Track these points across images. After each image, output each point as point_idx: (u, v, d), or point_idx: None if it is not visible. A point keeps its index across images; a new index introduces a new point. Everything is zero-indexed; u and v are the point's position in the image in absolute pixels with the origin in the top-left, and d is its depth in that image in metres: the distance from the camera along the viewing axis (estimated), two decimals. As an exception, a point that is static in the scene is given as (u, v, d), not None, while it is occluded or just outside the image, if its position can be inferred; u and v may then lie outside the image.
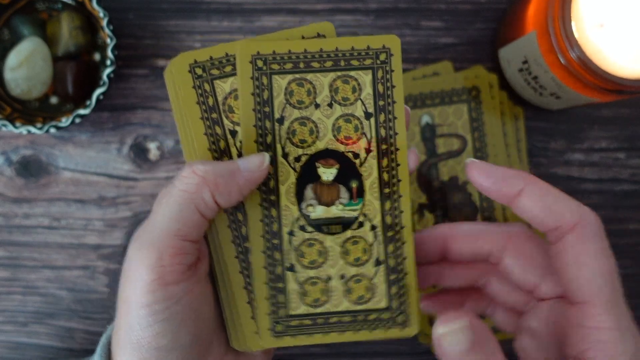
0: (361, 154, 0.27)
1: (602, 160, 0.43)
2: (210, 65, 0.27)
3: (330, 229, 0.27)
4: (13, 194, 0.42)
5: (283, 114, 0.27)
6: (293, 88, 0.27)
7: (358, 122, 0.27)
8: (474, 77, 0.40)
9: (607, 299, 0.23)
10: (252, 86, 0.27)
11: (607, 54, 0.32)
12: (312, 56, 0.27)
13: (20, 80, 0.39)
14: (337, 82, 0.27)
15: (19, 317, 0.42)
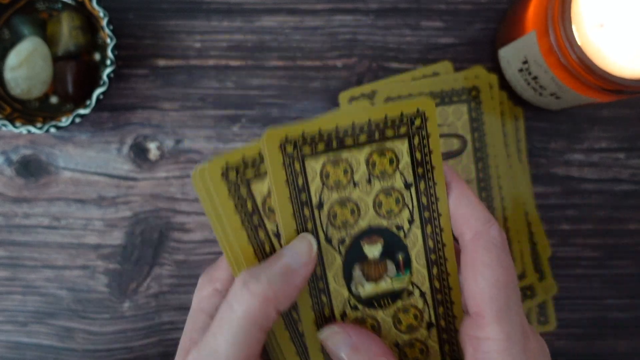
0: (405, 225, 0.27)
1: (602, 161, 0.43)
2: (243, 166, 0.25)
3: (381, 303, 0.27)
4: (13, 194, 0.42)
5: (321, 199, 0.26)
6: (328, 170, 0.26)
7: (398, 194, 0.27)
8: (473, 77, 0.40)
9: (499, 309, 0.23)
10: (285, 174, 0.25)
11: (607, 54, 0.32)
12: (344, 132, 0.26)
13: (20, 80, 0.39)
14: (374, 156, 0.26)
15: (19, 316, 0.42)
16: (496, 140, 0.40)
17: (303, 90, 0.42)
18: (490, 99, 0.40)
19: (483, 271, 0.24)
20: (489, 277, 0.24)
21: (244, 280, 0.24)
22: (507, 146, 0.41)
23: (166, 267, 0.42)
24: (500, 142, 0.40)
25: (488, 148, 0.40)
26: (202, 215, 0.42)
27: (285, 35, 0.42)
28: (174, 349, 0.42)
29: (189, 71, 0.42)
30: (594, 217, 0.43)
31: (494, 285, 0.24)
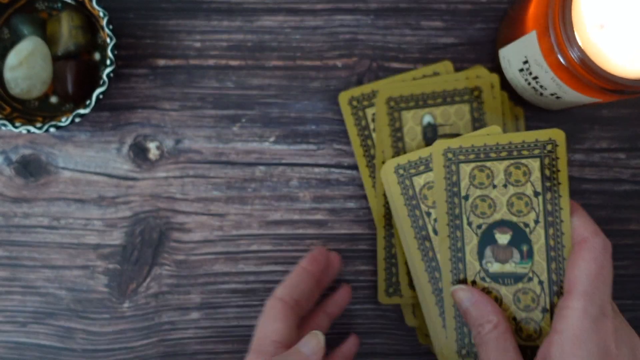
0: (530, 224, 0.34)
1: (602, 161, 0.43)
2: (408, 166, 0.37)
3: (505, 281, 0.34)
4: (12, 194, 0.42)
5: (468, 193, 0.35)
6: (475, 173, 0.35)
7: (528, 199, 0.34)
8: (475, 77, 0.40)
9: (584, 291, 0.30)
10: (444, 172, 0.35)
11: (607, 54, 0.32)
12: (490, 148, 0.35)
13: (20, 80, 0.39)
14: (511, 168, 0.34)
15: (18, 317, 0.42)
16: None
17: (303, 90, 0.42)
18: (492, 98, 0.39)
19: (580, 264, 0.31)
20: (583, 269, 0.31)
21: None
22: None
23: (166, 267, 0.42)
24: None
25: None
26: (202, 215, 0.42)
27: (285, 35, 0.42)
28: (173, 349, 0.42)
29: (188, 71, 0.42)
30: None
31: (585, 275, 0.30)
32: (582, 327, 0.29)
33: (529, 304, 0.34)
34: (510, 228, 0.34)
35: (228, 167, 0.42)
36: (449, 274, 0.35)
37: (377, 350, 0.43)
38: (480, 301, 0.33)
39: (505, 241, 0.34)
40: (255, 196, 0.42)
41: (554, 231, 0.34)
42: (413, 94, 0.40)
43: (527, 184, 0.34)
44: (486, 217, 0.35)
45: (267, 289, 0.42)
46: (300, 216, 0.42)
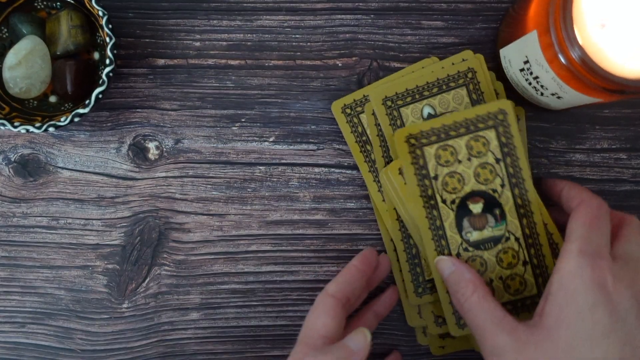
0: (498, 189, 0.37)
1: (603, 161, 0.43)
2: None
3: (486, 246, 0.37)
4: (11, 194, 0.42)
5: (437, 172, 0.37)
6: (440, 153, 0.37)
7: (491, 167, 0.37)
8: (461, 60, 0.40)
9: (581, 235, 0.32)
10: (411, 158, 0.37)
11: (608, 54, 0.32)
12: (448, 127, 0.37)
13: (19, 79, 0.39)
14: (471, 142, 0.37)
15: (17, 317, 0.42)
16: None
17: (303, 90, 0.42)
18: (485, 79, 0.40)
19: (577, 217, 0.33)
20: (579, 220, 0.33)
21: (314, 353, 0.32)
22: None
23: (165, 268, 0.42)
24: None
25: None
26: (201, 215, 0.42)
27: (285, 34, 0.42)
28: (172, 350, 0.42)
29: (188, 70, 0.42)
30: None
31: (581, 223, 0.33)
32: (578, 263, 0.31)
33: (511, 261, 0.37)
34: (481, 196, 0.37)
35: (228, 167, 0.42)
36: (434, 252, 0.37)
37: (377, 350, 0.42)
38: (459, 269, 0.35)
39: (479, 210, 0.37)
40: (255, 196, 0.42)
41: (519, 191, 0.37)
42: (408, 88, 0.40)
43: (488, 153, 0.37)
44: (457, 191, 0.37)
45: (266, 289, 0.42)
46: (300, 216, 0.42)
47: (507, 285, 0.37)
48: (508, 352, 0.31)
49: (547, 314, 0.31)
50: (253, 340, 0.42)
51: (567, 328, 0.30)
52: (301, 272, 0.42)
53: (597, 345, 0.29)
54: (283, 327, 0.42)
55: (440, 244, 0.37)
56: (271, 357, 0.42)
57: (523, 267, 0.37)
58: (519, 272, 0.37)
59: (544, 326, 0.31)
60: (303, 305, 0.42)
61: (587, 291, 0.30)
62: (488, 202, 0.37)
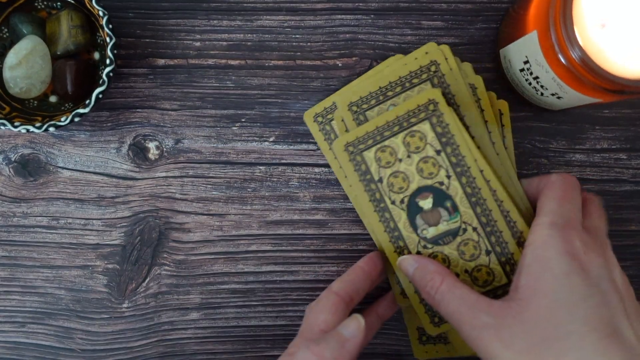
0: (444, 181, 0.36)
1: (603, 161, 0.43)
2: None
3: (444, 241, 0.37)
4: (11, 194, 0.42)
5: (380, 175, 0.37)
6: (379, 155, 0.37)
7: (433, 160, 0.36)
8: (424, 54, 0.39)
9: (550, 209, 0.33)
10: (353, 166, 0.37)
11: (608, 54, 0.32)
12: (382, 128, 0.37)
13: (19, 79, 0.39)
14: (407, 138, 0.37)
15: (17, 316, 0.42)
16: (469, 109, 0.38)
17: (303, 90, 0.42)
18: (449, 70, 0.38)
19: (548, 192, 0.34)
20: (549, 196, 0.34)
21: (307, 344, 0.33)
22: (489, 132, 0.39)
23: (165, 267, 0.42)
24: (474, 108, 0.38)
25: (466, 119, 0.38)
26: (201, 215, 0.42)
27: (285, 34, 0.42)
28: (172, 350, 0.42)
29: (188, 70, 0.42)
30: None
31: (551, 198, 0.34)
32: (550, 234, 0.32)
33: (473, 252, 0.36)
34: (429, 191, 0.37)
35: (228, 167, 0.42)
36: (393, 254, 0.37)
37: (377, 350, 0.42)
38: (422, 264, 0.35)
39: (429, 205, 0.37)
40: (255, 196, 0.42)
41: (466, 179, 0.36)
42: (371, 91, 0.39)
43: (427, 147, 0.36)
44: (404, 190, 0.37)
45: (266, 289, 0.42)
46: (300, 216, 0.42)
47: (474, 278, 0.37)
48: (487, 329, 0.31)
49: (523, 286, 0.31)
50: (253, 340, 0.42)
51: (545, 296, 0.30)
52: (301, 272, 0.42)
53: (576, 309, 0.30)
54: (283, 327, 0.42)
55: (399, 245, 0.37)
56: (271, 357, 0.42)
57: (487, 257, 0.36)
58: (484, 262, 0.37)
59: (521, 298, 0.31)
60: (303, 305, 0.42)
61: (560, 260, 0.31)
62: (437, 196, 0.37)
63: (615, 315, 0.30)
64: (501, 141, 0.38)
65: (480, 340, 0.31)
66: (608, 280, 0.31)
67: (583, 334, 0.29)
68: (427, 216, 0.37)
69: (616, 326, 0.30)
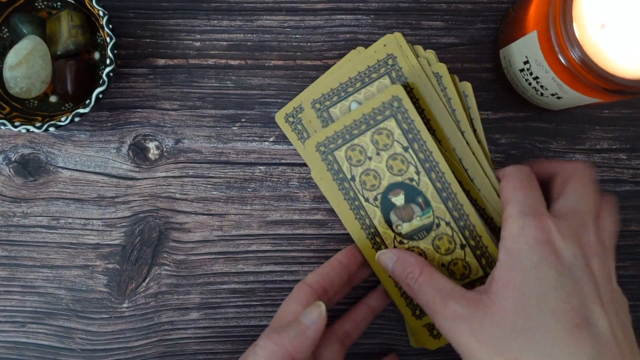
0: (414, 177, 0.37)
1: (603, 161, 0.43)
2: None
3: (419, 236, 0.37)
4: (12, 193, 0.42)
5: (352, 174, 0.37)
6: (350, 154, 0.37)
7: (402, 156, 0.36)
8: (382, 46, 0.38)
9: (516, 199, 0.33)
10: (325, 166, 0.38)
11: (608, 54, 0.32)
12: (350, 127, 0.37)
13: (19, 79, 0.39)
14: (375, 136, 0.37)
15: (18, 316, 0.42)
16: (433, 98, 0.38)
17: (303, 90, 0.42)
18: (405, 59, 0.38)
19: (507, 184, 0.34)
20: (510, 188, 0.34)
21: (270, 333, 0.33)
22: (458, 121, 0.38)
23: (165, 267, 0.42)
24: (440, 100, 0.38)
25: (426, 112, 0.38)
26: (201, 215, 0.42)
27: (285, 34, 0.42)
28: (173, 349, 0.42)
29: (188, 70, 0.42)
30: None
31: (512, 189, 0.34)
32: (520, 225, 0.32)
33: (448, 247, 0.37)
34: (401, 188, 0.37)
35: (228, 167, 0.42)
36: (371, 250, 0.38)
37: (377, 350, 0.42)
38: (401, 257, 0.36)
39: (401, 201, 0.37)
40: (255, 196, 0.42)
41: (435, 174, 0.36)
42: (332, 88, 0.39)
43: (395, 144, 0.36)
44: (376, 188, 0.37)
45: (266, 289, 0.42)
46: (300, 216, 0.42)
47: (451, 272, 0.37)
48: (459, 319, 0.31)
49: (496, 278, 0.31)
50: (253, 340, 0.42)
51: (514, 288, 0.30)
52: (301, 272, 0.42)
53: (545, 301, 0.30)
54: (283, 327, 0.42)
55: (376, 241, 0.38)
56: (271, 357, 0.42)
57: (462, 251, 0.37)
58: (459, 256, 0.37)
59: (492, 290, 0.31)
60: (303, 305, 0.42)
61: (531, 250, 0.31)
62: (408, 193, 0.37)
63: (587, 304, 0.30)
64: (470, 129, 0.37)
65: (452, 330, 0.31)
66: (582, 267, 0.31)
67: (551, 326, 0.29)
68: (400, 212, 0.37)
69: (587, 315, 0.29)
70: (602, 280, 0.31)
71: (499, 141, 0.42)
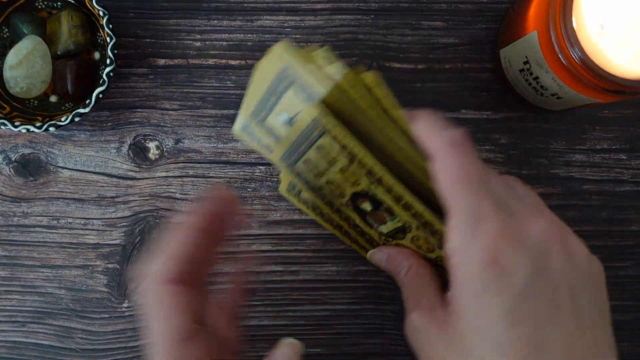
0: (369, 187, 0.33)
1: (603, 161, 0.43)
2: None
3: (398, 236, 0.35)
4: (12, 193, 0.42)
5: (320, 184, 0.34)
6: (307, 167, 0.34)
7: (349, 169, 0.33)
8: (282, 51, 0.32)
9: (456, 204, 0.27)
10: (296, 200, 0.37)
11: (608, 55, 0.32)
12: (295, 143, 0.33)
13: (20, 79, 0.39)
14: (318, 153, 0.33)
15: (18, 316, 0.42)
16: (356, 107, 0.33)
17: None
18: (305, 72, 0.32)
19: (440, 177, 0.28)
20: (441, 178, 0.28)
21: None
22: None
23: (165, 267, 0.42)
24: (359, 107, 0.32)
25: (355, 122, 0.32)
26: (202, 215, 0.42)
27: (285, 34, 0.42)
28: (172, 349, 0.42)
29: (188, 70, 0.42)
30: (595, 219, 0.43)
31: (444, 188, 0.28)
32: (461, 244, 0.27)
33: (428, 247, 0.35)
34: (364, 197, 0.34)
35: (228, 167, 0.42)
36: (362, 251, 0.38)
37: (377, 350, 0.42)
38: (392, 254, 0.35)
39: (370, 208, 0.35)
40: (255, 196, 0.42)
41: (384, 188, 0.33)
42: (257, 101, 0.34)
43: (340, 156, 0.33)
44: (345, 196, 0.35)
45: (267, 289, 0.42)
46: (300, 216, 0.42)
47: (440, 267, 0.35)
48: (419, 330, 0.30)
49: (449, 299, 0.28)
50: (253, 340, 0.42)
51: (459, 317, 0.27)
52: (301, 272, 0.42)
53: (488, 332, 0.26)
54: (283, 327, 0.42)
55: (366, 238, 0.37)
56: (271, 356, 0.42)
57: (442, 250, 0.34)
58: (442, 255, 0.34)
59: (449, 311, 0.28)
60: (303, 305, 0.42)
61: (474, 276, 0.26)
62: (372, 201, 0.34)
63: (540, 327, 0.25)
64: (398, 132, 0.32)
65: (413, 334, 0.30)
66: (534, 279, 0.26)
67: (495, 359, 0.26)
68: (373, 217, 0.35)
69: (538, 342, 0.25)
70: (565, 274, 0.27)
71: (499, 141, 0.42)
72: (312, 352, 0.42)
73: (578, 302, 0.26)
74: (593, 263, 0.28)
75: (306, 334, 0.42)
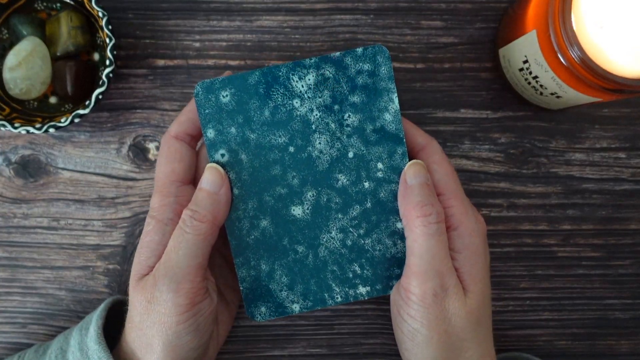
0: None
1: (603, 160, 0.43)
2: None
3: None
4: (12, 195, 0.42)
5: None
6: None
7: None
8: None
9: (453, 189, 0.34)
10: None
11: (607, 53, 0.32)
12: None
13: (19, 80, 0.39)
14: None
15: (18, 318, 0.42)
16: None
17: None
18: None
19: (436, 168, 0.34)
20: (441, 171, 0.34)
21: (189, 214, 0.32)
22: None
23: (166, 268, 0.42)
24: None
25: None
26: (202, 216, 0.42)
27: (284, 34, 0.42)
28: (173, 350, 0.42)
29: (188, 71, 0.42)
30: (595, 217, 0.43)
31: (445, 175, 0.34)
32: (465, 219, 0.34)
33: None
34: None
35: (228, 167, 0.42)
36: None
37: (377, 350, 0.43)
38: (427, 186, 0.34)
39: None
40: (255, 196, 0.42)
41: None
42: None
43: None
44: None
45: (267, 289, 0.42)
46: (300, 216, 0.42)
47: None
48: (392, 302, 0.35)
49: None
50: (253, 340, 0.42)
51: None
52: (301, 272, 0.42)
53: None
54: (283, 327, 0.42)
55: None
56: (271, 357, 0.42)
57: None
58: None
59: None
60: (303, 305, 0.42)
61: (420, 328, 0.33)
62: None
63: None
64: None
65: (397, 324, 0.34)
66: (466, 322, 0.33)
67: None
68: None
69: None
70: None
71: (498, 140, 0.43)
72: (313, 352, 0.42)
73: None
74: None
75: (306, 334, 0.42)
